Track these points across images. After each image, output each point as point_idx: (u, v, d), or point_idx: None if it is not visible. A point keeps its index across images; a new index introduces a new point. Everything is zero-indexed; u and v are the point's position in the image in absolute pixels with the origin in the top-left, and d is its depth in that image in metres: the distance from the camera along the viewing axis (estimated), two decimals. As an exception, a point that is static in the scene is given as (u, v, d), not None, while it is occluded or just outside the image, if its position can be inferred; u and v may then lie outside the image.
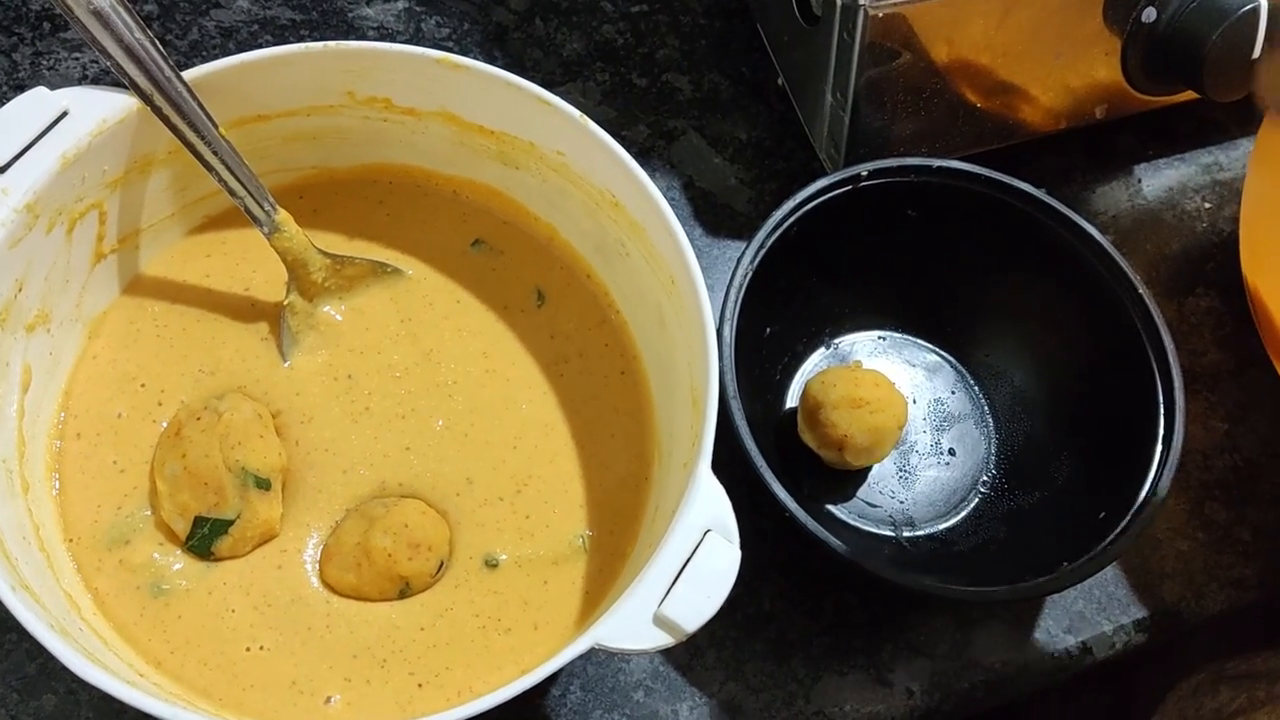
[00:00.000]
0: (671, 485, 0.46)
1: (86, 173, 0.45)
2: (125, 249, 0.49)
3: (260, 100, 0.48)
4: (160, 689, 0.42)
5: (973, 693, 0.52)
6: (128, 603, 0.44)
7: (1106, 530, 0.49)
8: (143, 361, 0.49)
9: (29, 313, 0.45)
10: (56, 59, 0.60)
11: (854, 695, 0.51)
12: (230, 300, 0.51)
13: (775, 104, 0.65)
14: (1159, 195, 0.66)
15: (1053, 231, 0.55)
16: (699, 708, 0.51)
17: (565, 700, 0.50)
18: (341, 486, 0.48)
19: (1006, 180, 0.54)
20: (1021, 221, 0.55)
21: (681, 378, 0.47)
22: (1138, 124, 0.65)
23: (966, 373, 0.59)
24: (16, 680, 0.47)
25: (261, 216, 0.48)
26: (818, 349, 0.59)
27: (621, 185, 0.48)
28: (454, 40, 0.64)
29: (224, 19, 0.62)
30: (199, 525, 0.46)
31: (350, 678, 0.44)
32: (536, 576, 0.46)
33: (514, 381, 0.50)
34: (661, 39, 0.66)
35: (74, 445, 0.47)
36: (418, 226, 0.54)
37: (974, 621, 0.54)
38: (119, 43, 0.43)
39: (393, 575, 0.45)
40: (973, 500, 0.56)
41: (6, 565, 0.39)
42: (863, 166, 0.54)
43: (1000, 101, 0.59)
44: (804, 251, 0.54)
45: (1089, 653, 0.54)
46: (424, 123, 0.51)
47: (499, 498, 0.48)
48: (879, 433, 0.52)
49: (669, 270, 0.47)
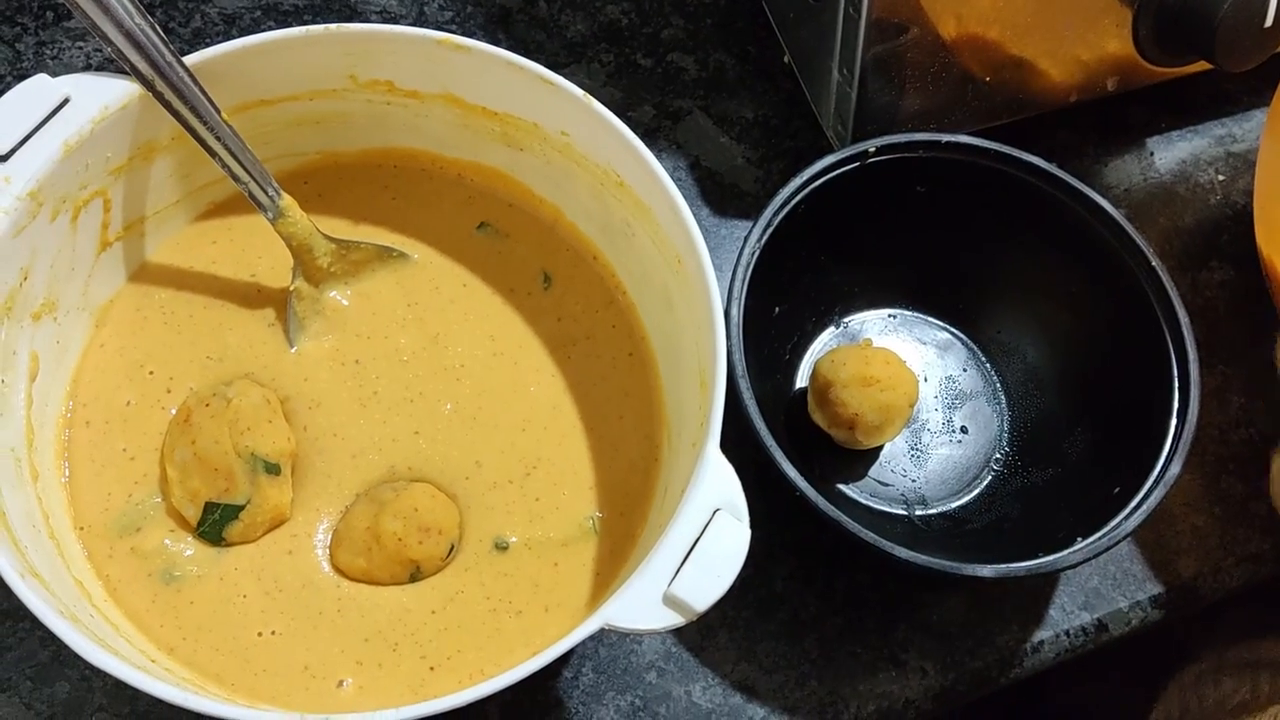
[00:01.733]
0: (681, 466, 0.45)
1: (89, 160, 0.45)
2: (130, 236, 0.49)
3: (263, 85, 0.48)
4: (172, 674, 0.42)
5: (987, 671, 0.52)
6: (139, 590, 0.44)
7: (1121, 505, 0.49)
8: (150, 349, 0.49)
9: (35, 301, 0.45)
10: (60, 48, 0.60)
11: (867, 675, 0.51)
12: (237, 286, 0.51)
13: (782, 82, 0.64)
14: (1172, 168, 0.65)
15: (1063, 205, 0.54)
16: (711, 688, 0.50)
17: (578, 682, 0.50)
18: (351, 471, 0.48)
19: (1015, 154, 0.54)
20: (1031, 196, 0.54)
21: (689, 358, 0.47)
22: (1149, 96, 0.64)
23: (978, 349, 0.58)
24: (30, 668, 0.47)
25: (265, 202, 0.48)
26: (827, 328, 0.58)
27: (627, 165, 0.48)
28: (457, 23, 0.63)
29: (227, 5, 0.62)
30: (210, 511, 0.46)
31: (362, 661, 0.44)
32: (547, 559, 0.46)
33: (522, 365, 0.50)
34: (666, 19, 0.65)
35: (83, 433, 0.47)
36: (423, 210, 0.53)
37: (988, 600, 0.53)
38: (119, 28, 0.43)
39: (403, 559, 0.45)
40: (985, 478, 0.55)
41: (16, 553, 0.39)
42: (870, 142, 0.53)
43: (1010, 76, 0.58)
44: (812, 230, 0.53)
45: (1104, 629, 0.54)
46: (427, 105, 0.51)
47: (508, 480, 0.48)
48: (889, 410, 0.51)
49: (675, 250, 0.47)
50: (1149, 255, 0.52)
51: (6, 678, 0.47)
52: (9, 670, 0.47)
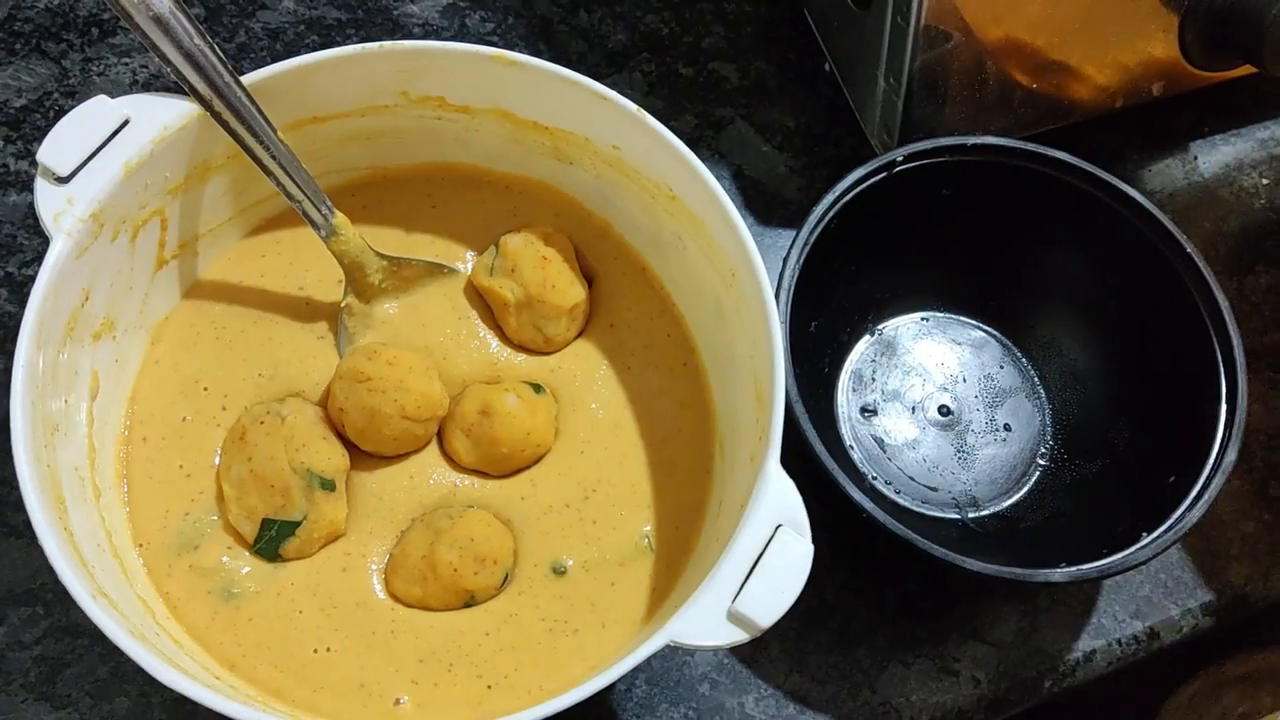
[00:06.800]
0: (736, 480, 0.45)
1: (149, 180, 0.45)
2: (185, 254, 0.49)
3: (316, 103, 0.48)
4: (236, 691, 0.42)
5: (1039, 681, 0.52)
6: (199, 607, 0.45)
7: (1180, 495, 0.48)
8: (204, 365, 0.49)
9: (95, 321, 0.45)
10: (106, 64, 0.60)
11: (920, 685, 0.51)
12: (287, 300, 0.51)
13: (823, 90, 0.64)
14: (1216, 172, 0.65)
15: (1094, 199, 0.54)
16: (764, 699, 0.50)
17: (631, 694, 0.50)
18: (405, 494, 0.48)
19: (1044, 151, 0.54)
20: (1062, 192, 0.54)
21: (742, 371, 0.47)
22: (1192, 100, 0.64)
23: (1014, 346, 0.58)
24: (89, 684, 0.48)
25: (319, 220, 0.48)
26: (862, 337, 0.58)
27: (679, 178, 0.48)
28: (499, 35, 0.63)
29: (270, 20, 0.62)
30: (266, 527, 0.46)
31: (418, 680, 0.44)
32: (603, 579, 0.46)
33: (581, 380, 0.50)
34: (706, 27, 0.65)
35: (140, 450, 0.47)
36: (470, 222, 0.53)
37: (1038, 608, 0.53)
38: (179, 49, 0.43)
39: (458, 589, 0.45)
40: (1034, 474, 0.55)
41: (85, 573, 0.39)
42: (898, 151, 0.53)
43: (1056, 82, 0.58)
44: (845, 242, 0.53)
45: (1156, 638, 0.54)
46: (477, 120, 0.51)
47: (565, 505, 0.48)
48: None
49: (729, 264, 0.47)
50: (1181, 241, 0.52)
51: (66, 694, 0.47)
52: (69, 686, 0.47)
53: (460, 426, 0.48)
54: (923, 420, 0.57)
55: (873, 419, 0.56)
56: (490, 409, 0.48)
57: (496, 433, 0.47)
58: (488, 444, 0.48)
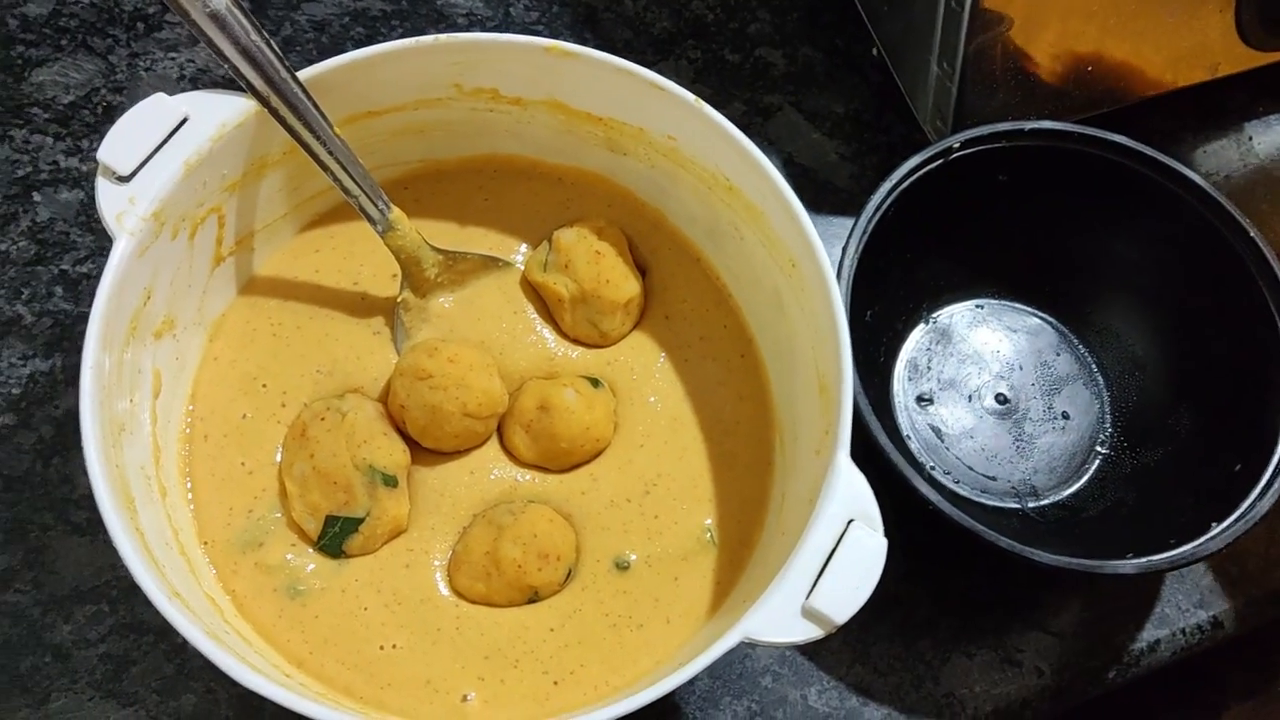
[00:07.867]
0: (800, 472, 0.45)
1: (207, 177, 0.45)
2: (241, 251, 0.49)
3: (370, 96, 0.48)
4: (306, 689, 0.42)
5: (1103, 671, 0.52)
6: (266, 604, 0.45)
7: (1249, 484, 0.48)
8: (262, 361, 0.49)
9: (156, 319, 0.45)
10: (153, 59, 0.60)
11: (983, 676, 0.51)
12: (342, 295, 0.51)
13: (871, 75, 0.63)
14: (1271, 153, 0.64)
15: (1153, 182, 0.53)
16: (827, 691, 0.50)
17: (693, 687, 0.50)
18: (466, 489, 0.48)
19: (1101, 135, 0.53)
20: (1118, 176, 0.54)
21: (804, 362, 0.46)
22: (1247, 81, 0.63)
23: (1070, 332, 0.58)
24: (156, 681, 0.48)
25: (376, 215, 0.48)
26: (917, 325, 0.58)
27: (737, 168, 0.47)
28: (544, 23, 0.63)
29: (315, 12, 0.62)
30: (330, 524, 0.46)
31: (484, 677, 0.44)
32: (667, 574, 0.46)
33: (638, 373, 0.50)
34: (752, 13, 0.64)
35: (202, 448, 0.47)
36: (523, 215, 0.53)
37: (1100, 597, 0.53)
38: (236, 45, 0.42)
39: (522, 585, 0.45)
40: (1094, 462, 0.55)
41: (157, 573, 0.39)
42: (954, 138, 0.52)
43: (1110, 64, 0.57)
44: (901, 230, 0.53)
45: (1220, 627, 0.53)
46: (530, 112, 0.50)
47: (626, 499, 0.47)
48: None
49: (790, 254, 0.46)
50: (1244, 223, 0.51)
51: (133, 691, 0.47)
52: (135, 684, 0.47)
53: (519, 422, 0.48)
54: (979, 409, 0.56)
55: (929, 408, 0.56)
56: (549, 404, 0.47)
57: (556, 428, 0.47)
58: (547, 439, 0.47)
